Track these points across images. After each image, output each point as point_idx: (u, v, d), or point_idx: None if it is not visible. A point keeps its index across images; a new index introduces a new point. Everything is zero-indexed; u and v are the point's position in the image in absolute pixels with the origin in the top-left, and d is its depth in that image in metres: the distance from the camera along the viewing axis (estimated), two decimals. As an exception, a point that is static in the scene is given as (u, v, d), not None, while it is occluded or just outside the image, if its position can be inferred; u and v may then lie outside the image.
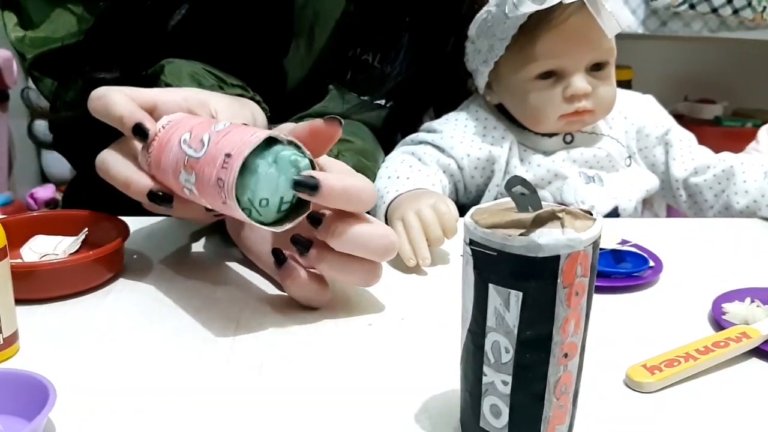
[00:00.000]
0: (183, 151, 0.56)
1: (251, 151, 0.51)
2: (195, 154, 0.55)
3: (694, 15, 1.91)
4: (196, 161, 0.55)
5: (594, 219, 0.40)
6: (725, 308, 0.59)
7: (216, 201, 0.54)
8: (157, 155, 0.58)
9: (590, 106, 0.83)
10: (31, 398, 0.44)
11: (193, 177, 0.55)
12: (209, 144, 0.54)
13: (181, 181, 0.56)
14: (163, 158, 0.58)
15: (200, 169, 0.54)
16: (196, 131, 0.56)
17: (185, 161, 0.55)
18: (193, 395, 0.49)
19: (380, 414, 0.47)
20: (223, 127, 0.56)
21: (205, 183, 0.54)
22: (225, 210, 0.55)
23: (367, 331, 0.58)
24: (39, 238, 0.68)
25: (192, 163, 0.55)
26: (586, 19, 0.79)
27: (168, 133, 0.58)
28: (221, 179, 0.52)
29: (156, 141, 0.59)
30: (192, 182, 0.55)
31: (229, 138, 0.54)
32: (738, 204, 0.86)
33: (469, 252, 0.39)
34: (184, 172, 0.55)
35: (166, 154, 0.57)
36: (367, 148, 0.81)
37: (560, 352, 0.39)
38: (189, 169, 0.55)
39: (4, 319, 0.52)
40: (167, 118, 0.60)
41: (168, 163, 0.57)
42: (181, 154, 0.56)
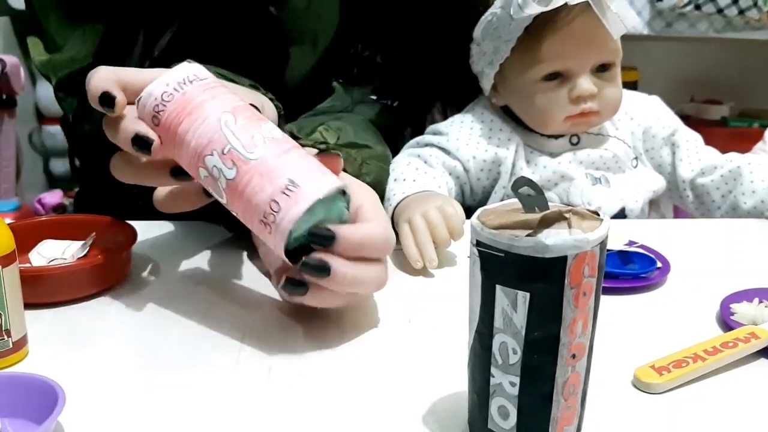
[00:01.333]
0: (224, 136, 0.51)
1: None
2: (244, 152, 0.51)
3: (699, 15, 1.90)
4: (244, 160, 0.51)
5: (601, 219, 0.40)
6: (733, 309, 0.59)
7: (251, 215, 0.51)
8: (175, 116, 0.53)
9: (596, 108, 0.83)
10: (41, 402, 0.44)
11: (234, 172, 0.51)
12: (265, 150, 0.51)
13: (208, 163, 0.52)
14: (185, 123, 0.52)
15: (248, 172, 0.51)
16: (242, 120, 0.52)
17: (224, 149, 0.51)
18: (201, 400, 0.49)
19: (388, 416, 0.47)
20: (275, 134, 0.53)
21: (247, 191, 0.51)
22: (248, 220, 0.52)
23: (374, 332, 0.58)
24: (47, 242, 0.69)
25: (236, 157, 0.51)
26: (591, 21, 0.79)
27: (194, 96, 0.53)
28: (277, 202, 0.50)
29: (175, 99, 0.53)
30: (228, 176, 0.51)
31: (294, 160, 0.52)
32: (745, 204, 0.86)
33: (476, 253, 0.39)
34: (219, 159, 0.51)
35: (194, 122, 0.52)
36: (385, 153, 0.81)
37: (568, 353, 0.39)
38: (228, 160, 0.51)
39: (14, 323, 0.52)
40: (185, 72, 0.54)
41: (193, 133, 0.52)
42: (220, 137, 0.51)
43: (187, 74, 0.54)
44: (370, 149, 0.73)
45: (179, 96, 0.53)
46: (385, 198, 0.77)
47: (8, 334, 0.52)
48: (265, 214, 0.51)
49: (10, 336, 0.52)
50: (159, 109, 0.53)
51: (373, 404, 0.48)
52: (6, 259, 0.51)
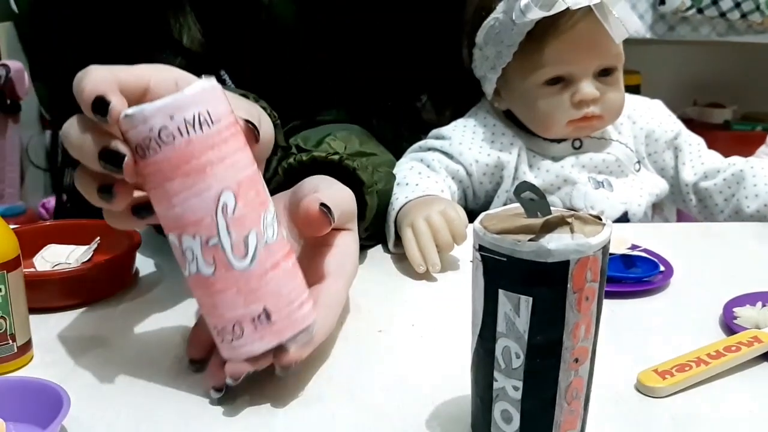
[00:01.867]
0: (215, 224, 0.43)
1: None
2: (231, 256, 0.44)
3: (702, 19, 1.90)
4: (226, 265, 0.44)
5: (603, 224, 0.40)
6: (736, 312, 0.59)
7: (208, 313, 0.47)
8: (168, 167, 0.43)
9: (599, 112, 0.83)
10: (45, 406, 0.45)
11: (210, 270, 0.44)
12: (254, 263, 0.45)
13: (184, 241, 0.44)
14: (177, 183, 0.43)
15: (226, 280, 0.44)
16: (242, 208, 0.44)
17: (210, 240, 0.44)
18: (205, 403, 0.49)
19: (391, 420, 0.47)
20: (270, 234, 0.46)
21: (217, 298, 0.45)
22: (203, 310, 0.47)
23: (377, 337, 0.58)
24: (52, 247, 0.69)
25: (220, 257, 0.44)
26: (593, 25, 0.79)
27: (200, 153, 0.43)
28: (242, 329, 0.45)
29: (175, 145, 0.43)
30: (202, 271, 0.44)
31: (278, 280, 0.46)
32: (748, 208, 0.86)
33: (479, 258, 0.40)
34: (200, 248, 0.44)
35: (188, 188, 0.43)
36: (392, 160, 0.81)
37: (571, 357, 0.39)
38: (210, 256, 0.44)
39: (18, 328, 0.52)
40: (197, 106, 0.43)
41: (182, 201, 0.43)
42: (211, 223, 0.43)
43: (200, 111, 0.43)
44: (378, 156, 0.73)
45: (182, 143, 0.43)
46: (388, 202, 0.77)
47: (13, 339, 0.52)
48: (223, 329, 0.46)
49: (15, 340, 0.52)
50: (150, 145, 0.43)
51: (376, 408, 0.48)
52: (10, 264, 0.51)
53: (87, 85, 0.44)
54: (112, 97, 0.43)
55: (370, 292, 0.65)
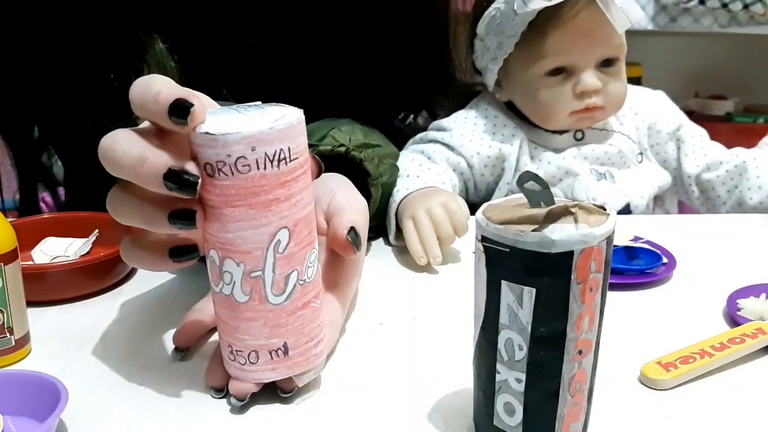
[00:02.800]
0: (263, 260, 0.43)
1: None
2: (269, 292, 0.44)
3: (704, 11, 1.90)
4: (261, 299, 0.44)
5: (607, 214, 0.39)
6: (740, 304, 0.59)
7: (227, 331, 0.46)
8: (234, 194, 0.42)
9: (600, 103, 0.83)
10: (43, 400, 0.44)
11: (245, 299, 0.44)
12: (288, 300, 0.45)
13: (226, 265, 0.44)
14: (239, 212, 0.42)
15: (257, 311, 0.45)
16: (293, 246, 0.44)
17: (253, 272, 0.44)
18: (204, 397, 0.49)
19: (393, 413, 0.47)
20: (309, 273, 0.46)
21: (242, 325, 0.45)
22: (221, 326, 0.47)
23: (378, 330, 0.58)
24: (50, 240, 0.69)
25: (258, 290, 0.44)
26: (595, 15, 0.78)
27: (269, 189, 0.42)
28: (257, 357, 0.46)
29: (248, 176, 0.42)
30: (236, 298, 0.44)
31: (303, 320, 0.46)
32: (751, 200, 0.86)
33: (481, 248, 0.39)
34: (240, 276, 0.44)
35: (248, 219, 0.43)
36: (395, 151, 0.80)
37: (574, 349, 0.39)
38: (248, 286, 0.44)
39: (16, 321, 0.52)
40: (280, 143, 0.42)
41: (237, 228, 0.43)
42: (259, 258, 0.43)
43: (282, 148, 0.42)
44: (383, 148, 0.73)
45: (256, 176, 0.42)
46: (389, 194, 0.77)
47: (11, 332, 0.52)
48: (239, 352, 0.46)
49: (13, 334, 0.52)
50: (222, 169, 0.41)
51: (378, 401, 0.48)
52: (8, 256, 0.51)
53: (162, 87, 0.42)
54: (194, 100, 0.41)
55: (371, 285, 0.64)
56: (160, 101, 0.41)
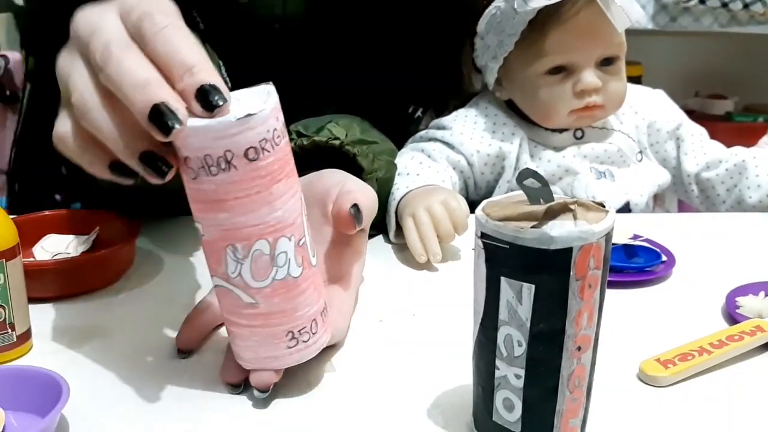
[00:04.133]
0: (303, 223, 0.44)
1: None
2: (311, 253, 0.45)
3: (704, 10, 1.90)
4: (309, 263, 0.45)
5: (606, 211, 0.40)
6: (739, 302, 0.59)
7: (281, 320, 0.45)
8: (278, 168, 0.42)
9: (600, 101, 0.83)
10: (45, 395, 0.44)
11: (299, 271, 0.44)
12: (315, 255, 0.46)
13: (280, 245, 0.43)
14: (282, 185, 0.43)
15: (309, 278, 0.45)
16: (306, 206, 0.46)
17: (300, 240, 0.44)
18: (205, 393, 0.49)
19: (392, 409, 0.47)
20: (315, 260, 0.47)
21: (300, 299, 0.45)
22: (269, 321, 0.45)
23: (378, 327, 0.58)
24: (51, 237, 0.69)
25: (306, 256, 0.45)
26: (595, 14, 0.78)
27: (290, 156, 0.44)
28: (316, 323, 0.46)
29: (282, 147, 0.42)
30: (292, 273, 0.44)
31: (321, 278, 0.48)
32: (751, 198, 0.86)
33: (481, 245, 0.39)
34: (293, 249, 0.44)
35: (289, 189, 0.43)
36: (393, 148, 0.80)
37: (573, 345, 0.39)
38: (300, 256, 0.44)
39: (18, 317, 0.52)
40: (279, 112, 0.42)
41: (284, 202, 0.43)
42: (301, 223, 0.44)
43: (281, 117, 0.43)
44: (379, 144, 0.73)
45: (284, 144, 0.43)
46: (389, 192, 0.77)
47: (12, 328, 0.52)
48: (302, 330, 0.46)
49: (14, 330, 0.52)
50: (265, 147, 0.41)
51: (378, 398, 0.48)
52: (9, 253, 0.51)
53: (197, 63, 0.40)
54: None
55: (371, 282, 0.65)
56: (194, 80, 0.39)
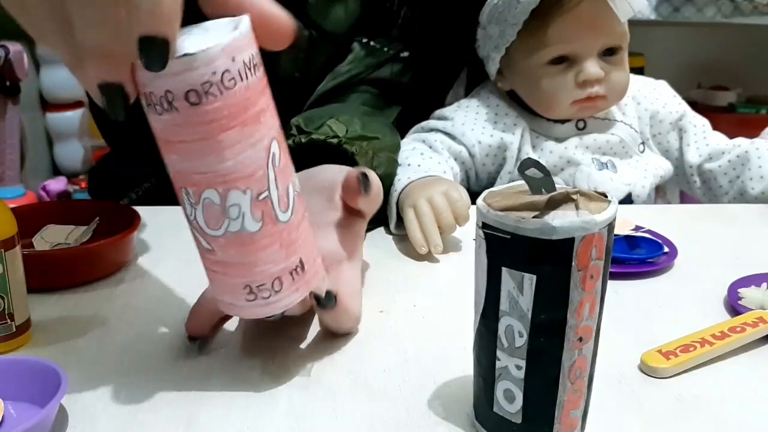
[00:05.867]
0: (267, 176, 0.41)
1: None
2: (277, 209, 0.42)
3: (707, 1, 1.89)
4: (273, 219, 0.42)
5: (609, 201, 0.39)
6: (741, 293, 0.58)
7: (238, 274, 0.43)
8: (227, 115, 0.39)
9: (603, 92, 0.82)
10: (44, 385, 0.44)
11: (257, 227, 0.41)
12: (292, 214, 0.43)
13: (231, 198, 0.40)
14: (234, 133, 0.39)
15: (271, 235, 0.42)
16: (284, 157, 0.43)
17: (261, 194, 0.41)
18: (204, 383, 0.49)
19: (393, 401, 0.47)
20: (296, 183, 0.44)
21: (260, 255, 0.42)
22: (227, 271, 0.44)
23: (379, 318, 0.57)
24: (51, 227, 0.69)
25: (267, 211, 0.41)
26: (598, 3, 0.78)
27: (255, 98, 0.40)
28: (281, 282, 0.43)
29: (235, 90, 0.39)
30: (248, 227, 0.41)
31: (306, 231, 0.45)
32: (753, 189, 0.86)
33: (482, 235, 0.39)
34: (249, 204, 0.41)
35: (245, 138, 0.40)
36: (395, 142, 0.80)
37: (575, 336, 0.39)
38: (259, 211, 0.41)
39: (17, 308, 0.52)
40: (249, 46, 0.39)
41: (236, 152, 0.40)
42: (263, 175, 0.41)
43: (253, 52, 0.39)
44: (380, 140, 0.73)
45: (242, 88, 0.39)
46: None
47: (11, 318, 0.52)
48: (261, 287, 0.43)
49: (14, 320, 0.52)
50: (210, 91, 0.38)
51: (378, 389, 0.48)
52: (8, 243, 0.51)
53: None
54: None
55: (372, 273, 0.64)
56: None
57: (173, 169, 0.41)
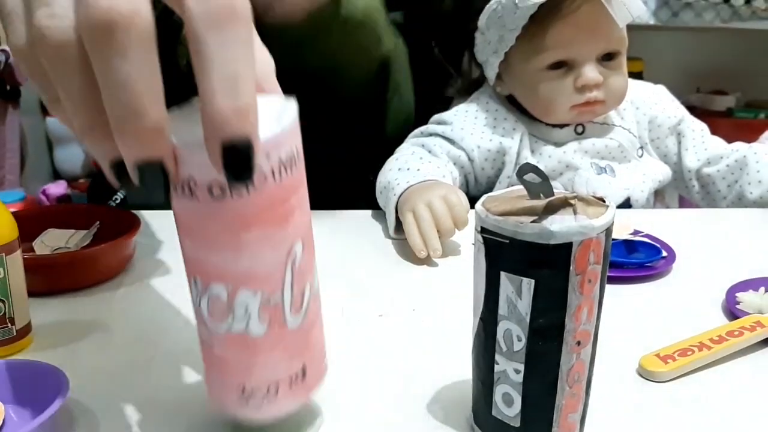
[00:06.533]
0: (282, 281, 0.37)
1: None
2: (288, 313, 0.38)
3: (706, 5, 1.90)
4: (281, 323, 0.37)
5: (606, 206, 0.39)
6: (739, 297, 0.59)
7: (234, 373, 0.39)
8: (241, 212, 0.34)
9: (601, 97, 0.83)
10: (44, 389, 0.44)
11: (262, 330, 0.37)
12: (305, 318, 0.39)
13: (239, 297, 0.36)
14: (256, 230, 0.35)
15: (275, 339, 0.38)
16: (306, 257, 0.38)
17: (271, 299, 0.37)
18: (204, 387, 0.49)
19: (392, 405, 0.47)
20: (315, 282, 0.40)
21: (260, 358, 0.38)
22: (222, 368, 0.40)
23: (378, 321, 0.58)
24: (51, 231, 0.69)
25: (277, 315, 0.37)
26: (596, 8, 0.78)
27: (288, 194, 0.35)
28: (277, 390, 0.39)
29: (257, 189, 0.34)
30: (252, 331, 0.37)
31: (316, 335, 0.41)
32: (751, 194, 0.86)
33: (481, 240, 0.39)
34: (257, 307, 0.37)
35: (266, 237, 0.35)
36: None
37: (573, 340, 0.39)
38: (266, 314, 0.37)
39: (18, 311, 0.52)
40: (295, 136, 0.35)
41: (253, 252, 0.35)
42: (277, 280, 0.36)
43: (294, 146, 0.35)
44: None
45: (272, 187, 0.34)
46: (389, 187, 0.77)
47: (12, 322, 0.52)
48: (254, 390, 0.39)
49: (14, 324, 0.52)
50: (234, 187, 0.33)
51: (376, 393, 0.48)
52: (9, 247, 0.51)
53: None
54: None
55: (371, 277, 0.65)
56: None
57: (185, 254, 0.38)
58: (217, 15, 0.29)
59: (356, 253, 0.71)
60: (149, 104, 0.30)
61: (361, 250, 0.72)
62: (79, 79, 0.30)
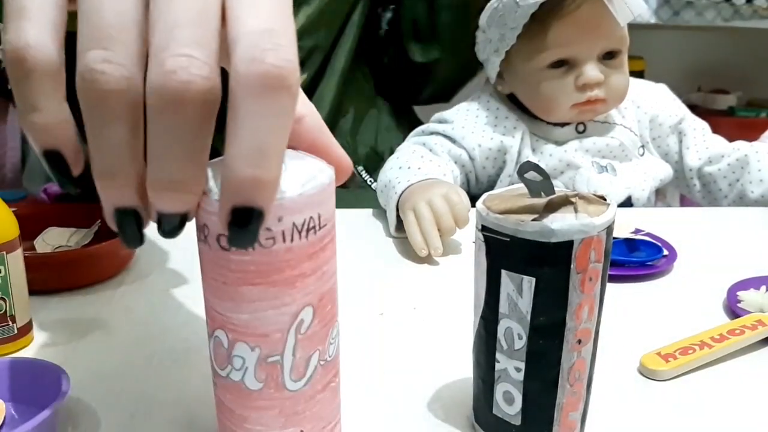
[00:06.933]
0: (283, 344, 0.36)
1: None
2: (287, 378, 0.37)
3: (707, 4, 1.89)
4: (278, 386, 0.37)
5: (607, 204, 0.39)
6: (740, 296, 0.59)
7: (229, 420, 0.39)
8: (247, 268, 0.34)
9: (602, 95, 0.83)
10: (45, 387, 0.44)
11: (257, 387, 0.37)
12: (308, 385, 0.38)
13: (237, 350, 0.36)
14: (258, 290, 0.35)
15: (271, 401, 0.37)
16: (316, 324, 0.37)
17: (269, 358, 0.36)
18: (205, 386, 0.49)
19: (393, 403, 0.47)
20: (331, 350, 0.39)
21: (253, 415, 0.38)
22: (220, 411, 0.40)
23: (379, 320, 0.58)
24: (52, 230, 0.69)
25: (274, 377, 0.37)
26: (598, 7, 0.78)
27: (296, 262, 0.35)
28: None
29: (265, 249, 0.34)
30: (248, 385, 0.37)
31: (321, 403, 0.39)
32: (753, 193, 0.86)
33: (482, 238, 0.39)
34: (254, 363, 0.36)
35: (268, 299, 0.35)
36: None
37: (574, 339, 0.39)
38: (263, 373, 0.36)
39: (18, 309, 0.52)
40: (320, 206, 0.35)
41: (255, 310, 0.35)
42: (278, 341, 0.36)
43: (312, 215, 0.35)
44: None
45: (281, 250, 0.34)
46: (390, 186, 0.77)
47: (13, 320, 0.52)
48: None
49: (15, 322, 0.52)
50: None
51: (377, 391, 0.48)
52: (10, 245, 0.51)
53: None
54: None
55: (372, 276, 0.65)
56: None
57: (203, 291, 0.38)
58: (262, 82, 0.28)
59: (357, 251, 0.71)
60: (200, 176, 0.30)
61: (361, 249, 0.72)
62: (123, 129, 0.29)
